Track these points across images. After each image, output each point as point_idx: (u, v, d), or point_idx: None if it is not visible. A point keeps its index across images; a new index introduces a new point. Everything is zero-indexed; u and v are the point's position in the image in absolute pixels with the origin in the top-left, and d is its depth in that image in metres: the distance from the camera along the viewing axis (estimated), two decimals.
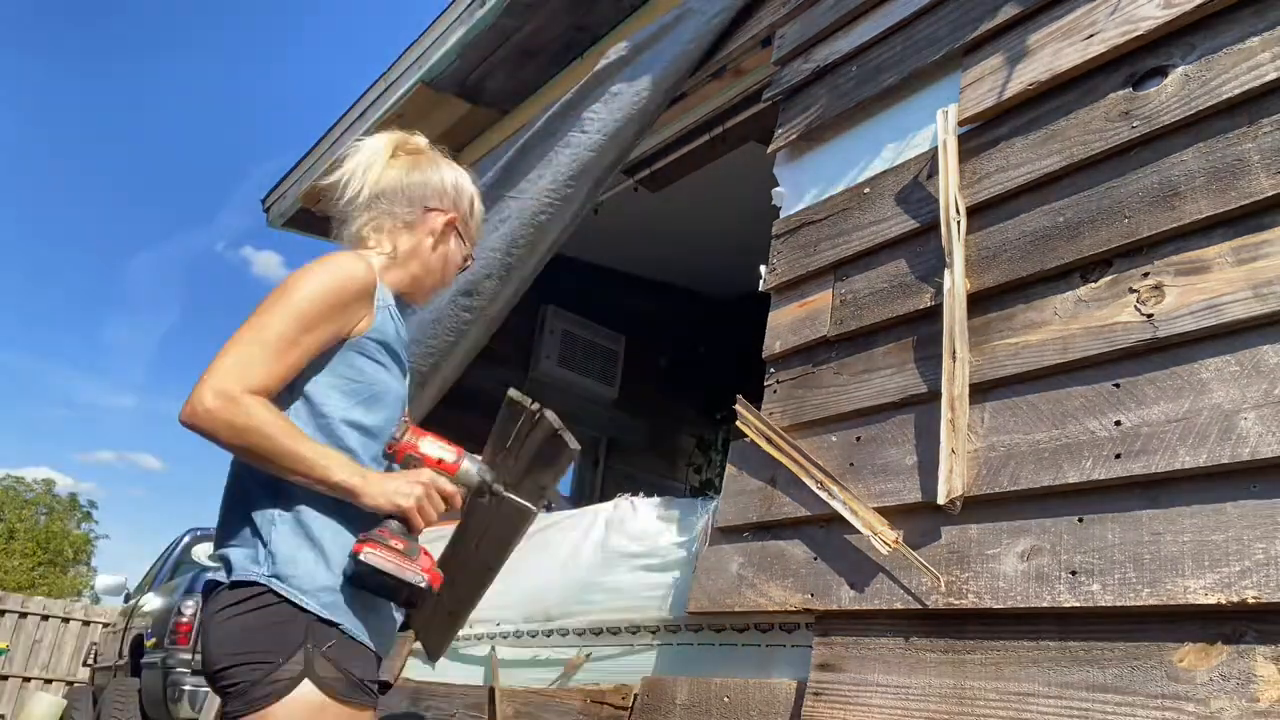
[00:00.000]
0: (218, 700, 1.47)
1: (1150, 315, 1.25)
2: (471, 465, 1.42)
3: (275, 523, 1.29)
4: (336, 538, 1.30)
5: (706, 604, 1.67)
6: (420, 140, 1.59)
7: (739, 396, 1.77)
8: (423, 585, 1.28)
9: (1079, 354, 1.31)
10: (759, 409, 1.76)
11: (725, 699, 1.58)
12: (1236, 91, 1.25)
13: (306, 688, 1.20)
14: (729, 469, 1.79)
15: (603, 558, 2.07)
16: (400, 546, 1.28)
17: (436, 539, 2.02)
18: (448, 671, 2.39)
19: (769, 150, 2.08)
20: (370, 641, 1.29)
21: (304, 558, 1.27)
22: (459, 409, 3.10)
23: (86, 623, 9.74)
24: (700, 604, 1.68)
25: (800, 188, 1.98)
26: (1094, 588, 1.16)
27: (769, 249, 1.95)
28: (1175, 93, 1.33)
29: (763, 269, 1.94)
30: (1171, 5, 1.36)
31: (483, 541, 1.98)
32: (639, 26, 2.53)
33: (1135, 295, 1.28)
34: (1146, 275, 1.28)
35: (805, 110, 2.01)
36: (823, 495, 1.53)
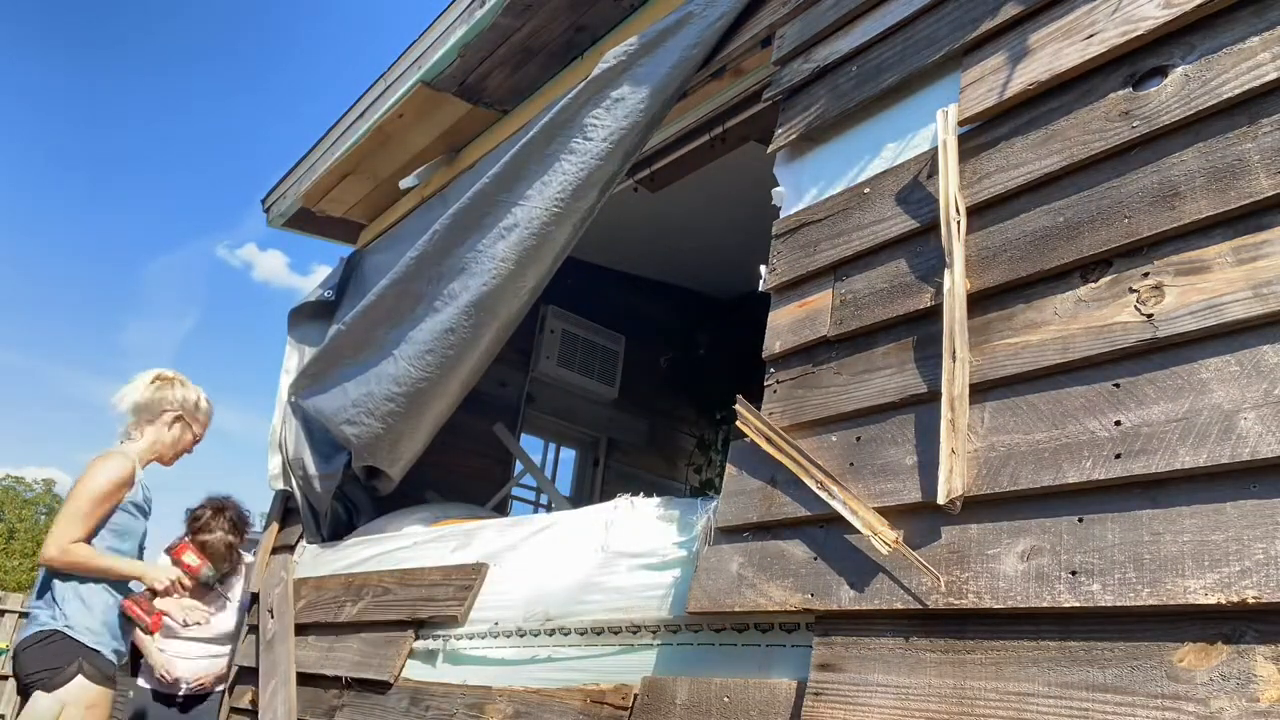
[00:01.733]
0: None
1: (1150, 315, 1.25)
2: (205, 569, 3.12)
3: (66, 595, 2.78)
4: (96, 599, 2.80)
5: (706, 604, 1.67)
6: (169, 372, 3.15)
7: (739, 396, 1.77)
8: (144, 628, 2.90)
9: (1079, 354, 1.31)
10: (759, 409, 1.76)
11: (725, 699, 1.58)
12: (1236, 91, 1.25)
13: (80, 682, 2.68)
14: (729, 469, 1.79)
15: (603, 558, 2.07)
16: (144, 607, 2.85)
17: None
18: (448, 671, 2.39)
19: (769, 150, 2.07)
20: (112, 656, 2.81)
21: (81, 612, 2.76)
22: (460, 409, 3.12)
23: None
24: (700, 604, 1.68)
25: (800, 188, 1.98)
26: (1094, 588, 1.16)
27: (769, 249, 1.95)
28: (1175, 93, 1.33)
29: (763, 269, 1.94)
30: (1171, 5, 1.36)
31: None
32: (640, 27, 2.53)
33: (1135, 295, 1.28)
34: (1146, 275, 1.28)
35: (805, 110, 2.01)
36: (823, 495, 1.53)
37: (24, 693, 2.68)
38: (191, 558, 3.03)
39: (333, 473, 3.30)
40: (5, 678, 9.00)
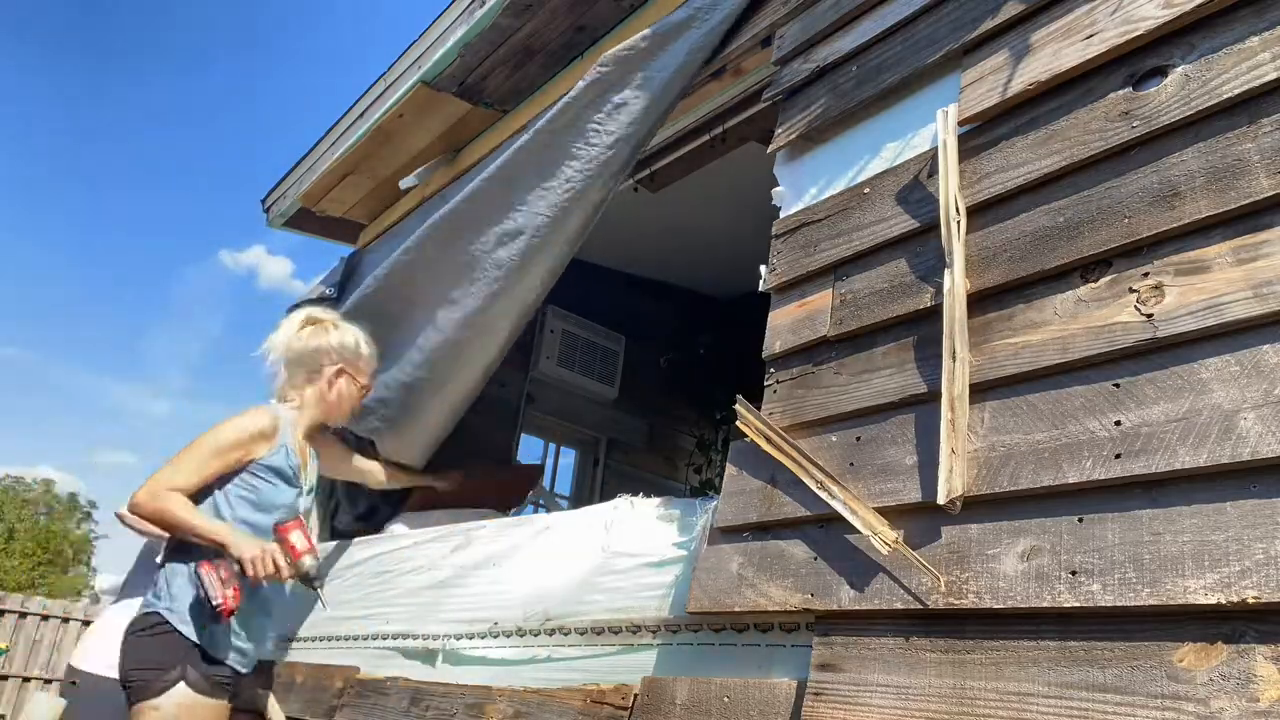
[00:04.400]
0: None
1: (1150, 315, 1.25)
2: (309, 559, 2.27)
3: (174, 570, 2.20)
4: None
5: (706, 604, 1.67)
6: (321, 313, 2.55)
7: (739, 396, 1.76)
8: (215, 606, 2.09)
9: (1079, 354, 1.31)
10: (759, 409, 1.76)
11: (725, 699, 1.58)
12: (1236, 91, 1.25)
13: (182, 688, 2.06)
14: (729, 469, 1.79)
15: (602, 558, 2.06)
16: (223, 576, 2.12)
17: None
18: (448, 671, 2.39)
19: (769, 150, 2.07)
20: (232, 660, 2.21)
21: (188, 599, 2.15)
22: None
23: (86, 622, 9.73)
24: (700, 604, 1.68)
25: (800, 187, 1.98)
26: (1094, 588, 1.16)
27: (769, 249, 1.95)
28: (1175, 93, 1.33)
29: (763, 269, 1.94)
30: (1171, 5, 1.36)
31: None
32: (640, 27, 2.52)
33: (1135, 295, 1.28)
34: (1146, 275, 1.28)
35: (805, 110, 2.01)
36: (823, 495, 1.53)
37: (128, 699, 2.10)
38: (300, 539, 2.32)
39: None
40: (5, 677, 9.02)
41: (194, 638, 2.08)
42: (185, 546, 2.14)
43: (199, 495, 2.23)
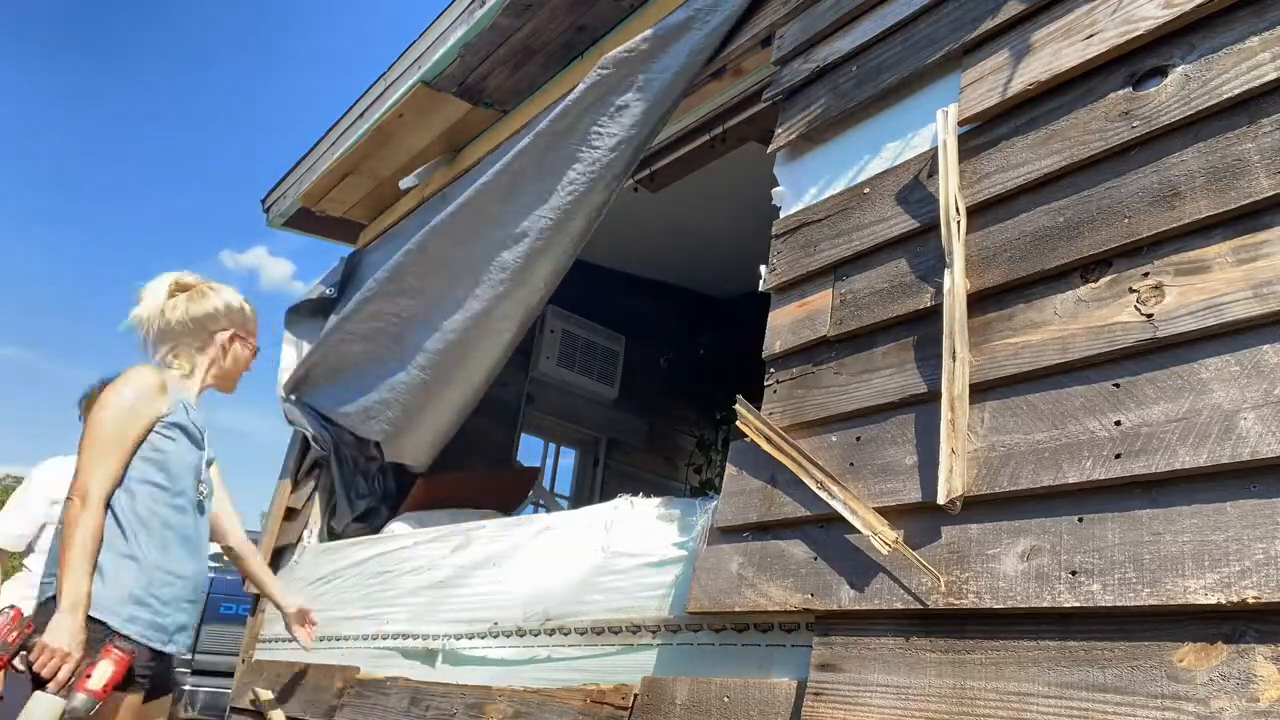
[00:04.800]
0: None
1: (1150, 315, 1.25)
2: (82, 698, 1.89)
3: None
4: (121, 565, 1.99)
5: (706, 604, 1.67)
6: (189, 277, 2.30)
7: (739, 396, 1.77)
8: None
9: (1079, 354, 1.31)
10: (759, 409, 1.76)
11: (725, 699, 1.58)
12: (1236, 91, 1.25)
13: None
14: (729, 469, 1.79)
15: (602, 558, 2.07)
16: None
17: None
18: (447, 671, 2.39)
19: (769, 150, 2.07)
20: (153, 639, 2.03)
21: (94, 587, 1.95)
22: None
23: None
24: (700, 604, 1.68)
25: (800, 187, 1.98)
26: (1094, 588, 1.16)
27: (769, 249, 1.95)
28: (1175, 93, 1.33)
29: (763, 269, 1.94)
30: (1172, 5, 1.36)
31: None
32: (641, 27, 2.52)
33: (1135, 295, 1.28)
34: (1146, 275, 1.28)
35: (805, 110, 2.01)
36: (823, 495, 1.53)
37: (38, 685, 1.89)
38: (102, 675, 1.93)
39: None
40: None
41: (109, 620, 1.93)
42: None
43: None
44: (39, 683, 1.85)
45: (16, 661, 1.89)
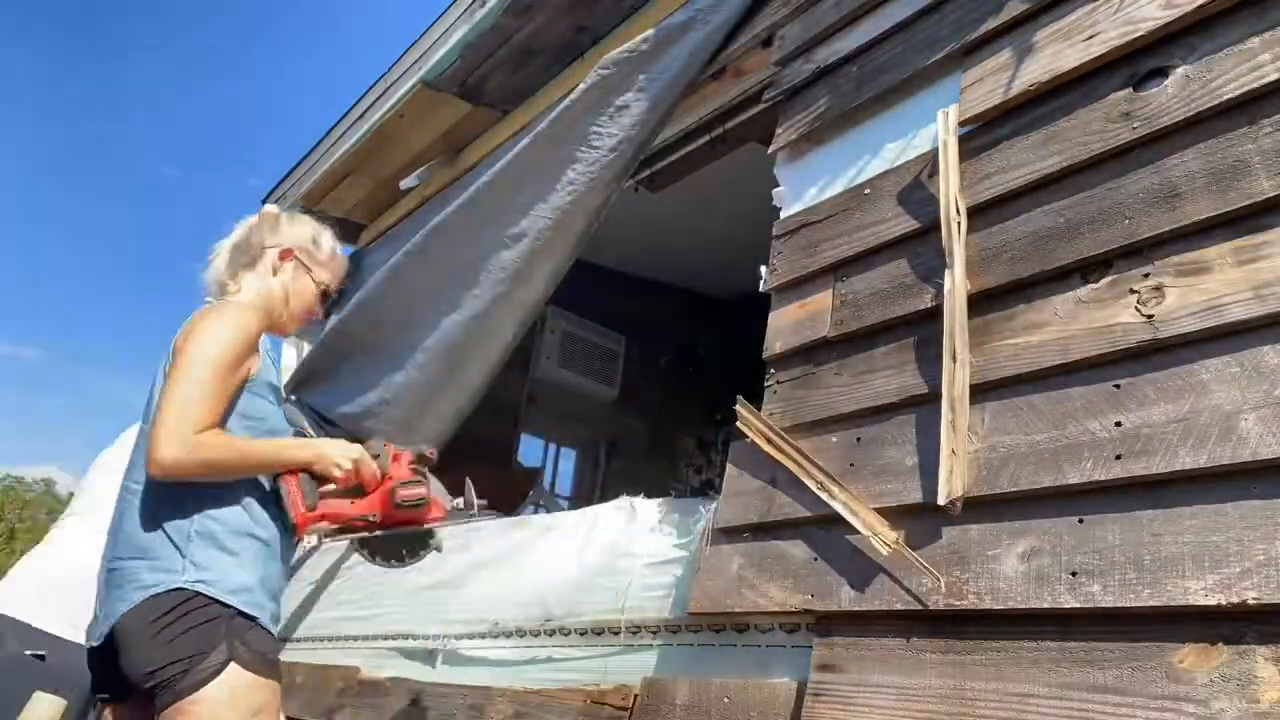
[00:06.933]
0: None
1: (1151, 316, 1.24)
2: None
3: (191, 537, 1.54)
4: (245, 542, 1.59)
5: (706, 604, 1.67)
6: (272, 208, 1.92)
7: (739, 397, 1.76)
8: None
9: (1079, 355, 1.31)
10: (759, 409, 1.76)
11: (725, 700, 1.58)
12: (1237, 92, 1.25)
13: (233, 671, 1.48)
14: (729, 469, 1.79)
15: (602, 558, 2.06)
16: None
17: None
18: (447, 672, 2.39)
19: (769, 150, 2.07)
20: (273, 628, 1.60)
21: (222, 563, 1.54)
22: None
23: None
24: (700, 604, 1.68)
25: (800, 188, 1.98)
26: (1094, 588, 1.16)
27: (769, 249, 1.95)
28: (1176, 93, 1.33)
29: (763, 269, 1.94)
30: (1173, 6, 1.36)
31: None
32: (641, 27, 2.52)
33: (1136, 296, 1.28)
34: (1147, 276, 1.28)
35: (806, 111, 2.01)
36: (823, 496, 1.53)
37: (154, 692, 1.48)
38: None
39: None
40: None
41: (239, 605, 1.52)
42: (182, 501, 1.56)
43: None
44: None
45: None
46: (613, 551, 2.05)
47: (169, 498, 1.55)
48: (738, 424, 1.74)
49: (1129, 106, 1.38)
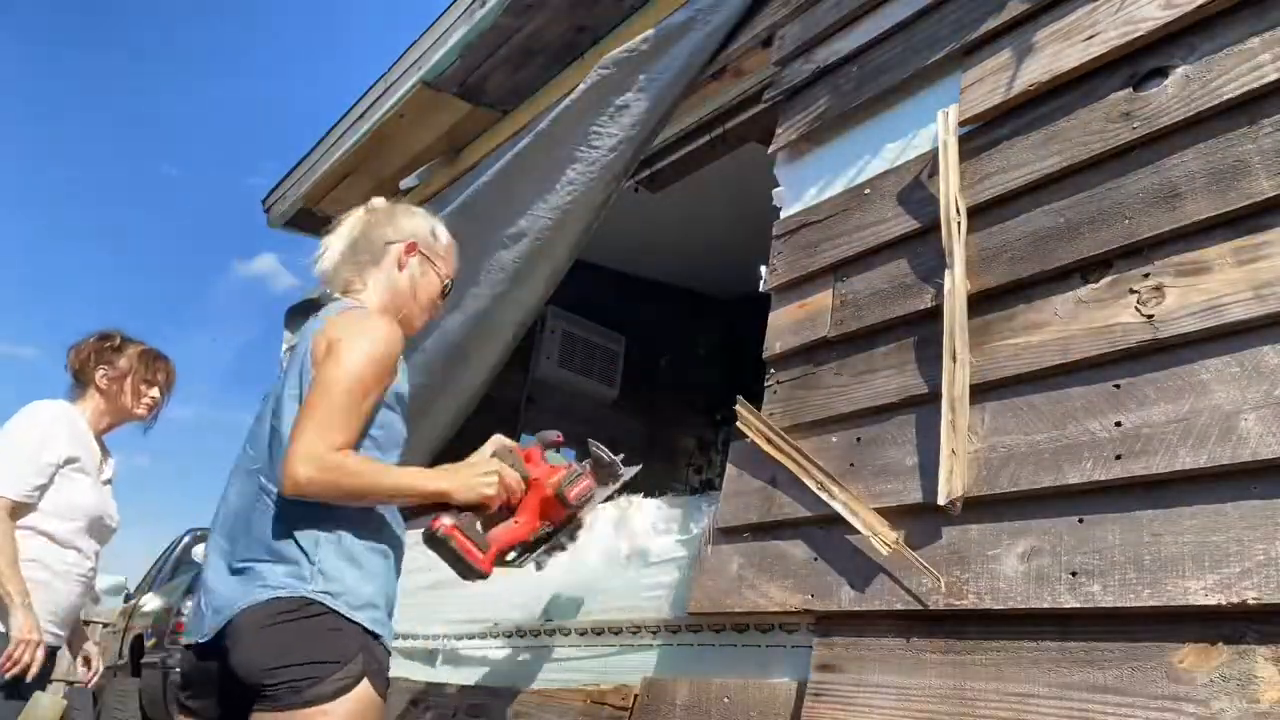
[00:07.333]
0: None
1: (1151, 316, 1.24)
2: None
3: (320, 543, 1.46)
4: (372, 556, 1.51)
5: (706, 604, 1.67)
6: (379, 201, 1.84)
7: (739, 397, 1.76)
8: (476, 573, 1.57)
9: (1079, 355, 1.31)
10: (759, 409, 1.76)
11: (725, 700, 1.58)
12: (1237, 92, 1.25)
13: (365, 687, 1.41)
14: (729, 469, 1.79)
15: (603, 558, 2.07)
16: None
17: None
18: (447, 671, 2.39)
19: (769, 151, 2.07)
20: (390, 645, 1.52)
21: (350, 575, 1.47)
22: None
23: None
24: (700, 604, 1.68)
25: (800, 188, 1.98)
26: (1094, 588, 1.16)
27: (769, 249, 1.95)
28: (1176, 93, 1.33)
29: (763, 269, 1.94)
30: (1173, 6, 1.36)
31: None
32: (641, 27, 2.52)
33: (1136, 296, 1.28)
34: (1147, 276, 1.28)
35: (806, 111, 2.01)
36: (823, 496, 1.53)
37: (268, 694, 1.36)
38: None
39: None
40: None
41: (364, 621, 1.46)
42: (314, 507, 1.49)
43: None
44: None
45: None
46: (612, 551, 2.05)
47: (300, 502, 1.47)
48: (738, 424, 1.74)
49: (1129, 106, 1.38)
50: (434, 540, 1.55)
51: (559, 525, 1.70)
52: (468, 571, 1.57)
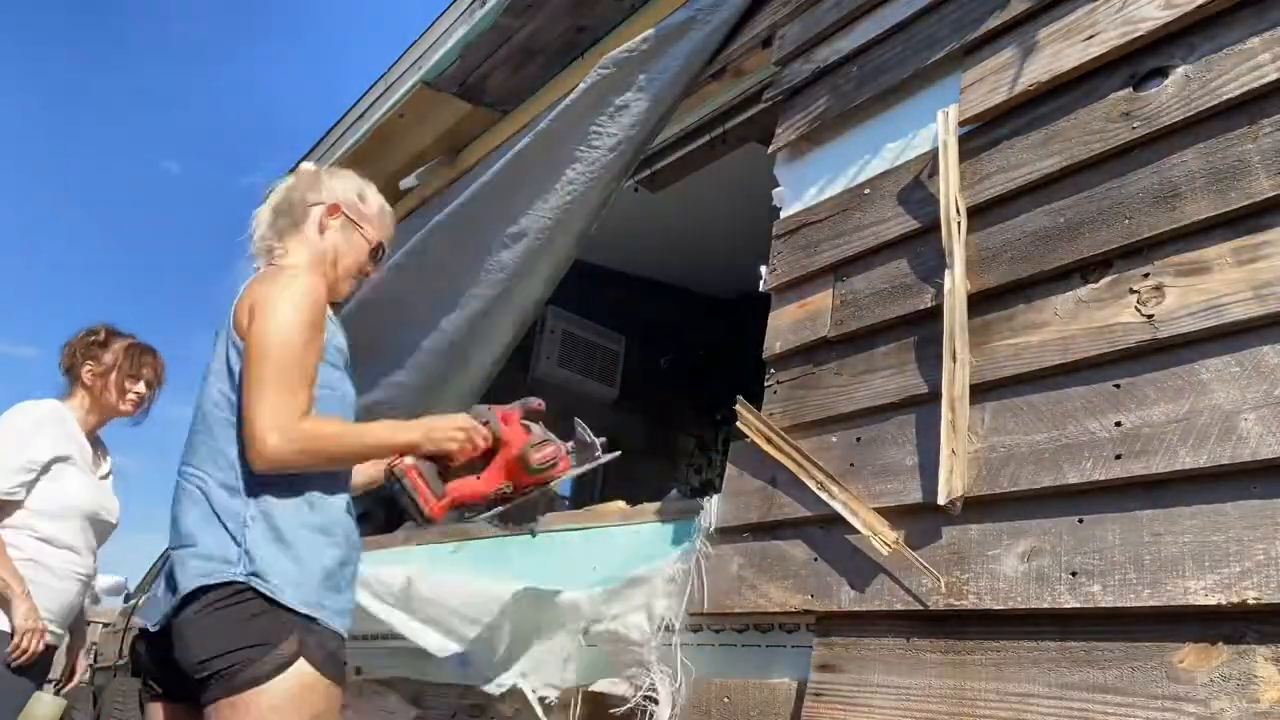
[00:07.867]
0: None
1: (1151, 316, 1.25)
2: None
3: (248, 525, 1.41)
4: (306, 534, 1.43)
5: (706, 605, 1.67)
6: (306, 165, 1.82)
7: (739, 397, 1.76)
8: (423, 515, 1.53)
9: (1079, 354, 1.31)
10: (759, 409, 1.76)
11: (725, 699, 1.58)
12: (1237, 92, 1.25)
13: (300, 667, 1.34)
14: (729, 469, 1.79)
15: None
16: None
17: None
18: (448, 672, 2.39)
19: (769, 150, 2.07)
20: (338, 625, 1.42)
21: (282, 557, 1.40)
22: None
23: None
24: (700, 605, 1.68)
25: (800, 188, 1.98)
26: (1094, 588, 1.16)
27: (769, 249, 1.95)
28: (1176, 93, 1.33)
29: (763, 269, 1.94)
30: (1172, 5, 1.36)
31: None
32: (642, 27, 2.52)
33: (1136, 296, 1.28)
34: (1147, 276, 1.28)
35: (806, 110, 2.01)
36: (823, 496, 1.53)
37: (206, 684, 1.34)
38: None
39: None
40: None
41: (301, 607, 1.38)
42: (239, 488, 1.44)
43: None
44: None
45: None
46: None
47: (226, 484, 1.44)
48: (738, 424, 1.74)
49: (1129, 106, 1.38)
50: (391, 477, 1.53)
51: (522, 489, 1.65)
52: (417, 513, 1.53)
